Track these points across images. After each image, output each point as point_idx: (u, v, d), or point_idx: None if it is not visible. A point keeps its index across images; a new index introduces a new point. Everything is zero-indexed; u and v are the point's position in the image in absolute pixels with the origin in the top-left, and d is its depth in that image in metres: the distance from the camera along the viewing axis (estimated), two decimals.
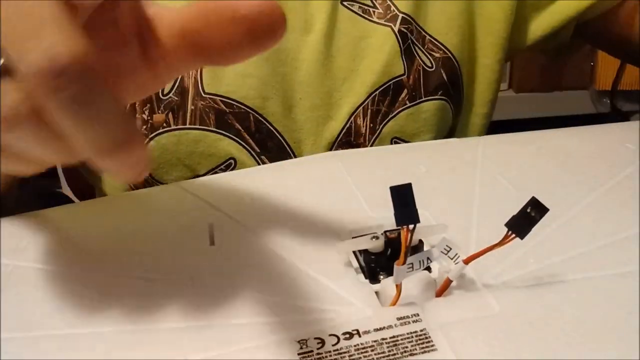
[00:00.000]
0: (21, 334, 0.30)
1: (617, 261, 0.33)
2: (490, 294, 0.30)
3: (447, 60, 0.59)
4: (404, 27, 0.57)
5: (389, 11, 0.57)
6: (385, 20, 0.57)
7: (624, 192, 0.39)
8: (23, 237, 0.37)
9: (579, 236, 0.35)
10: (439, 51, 0.59)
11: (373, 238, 0.33)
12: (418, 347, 0.27)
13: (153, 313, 0.31)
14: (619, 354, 0.27)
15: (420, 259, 0.29)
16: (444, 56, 0.59)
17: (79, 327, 0.30)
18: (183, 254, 0.35)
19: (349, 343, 0.28)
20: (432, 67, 0.58)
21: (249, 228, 0.36)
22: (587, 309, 0.29)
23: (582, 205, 0.37)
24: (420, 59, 0.58)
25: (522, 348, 0.27)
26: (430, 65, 0.58)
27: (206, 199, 0.39)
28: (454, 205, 0.38)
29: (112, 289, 0.32)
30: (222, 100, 0.54)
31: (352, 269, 0.33)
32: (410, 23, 0.57)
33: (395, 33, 0.56)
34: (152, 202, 0.41)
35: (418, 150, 0.46)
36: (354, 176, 0.41)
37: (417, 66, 0.57)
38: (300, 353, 0.27)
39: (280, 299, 0.31)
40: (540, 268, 0.32)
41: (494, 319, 0.29)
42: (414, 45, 0.58)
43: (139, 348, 0.29)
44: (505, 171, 0.41)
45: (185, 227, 0.37)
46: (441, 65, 0.58)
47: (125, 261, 0.34)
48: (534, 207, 0.28)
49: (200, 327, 0.29)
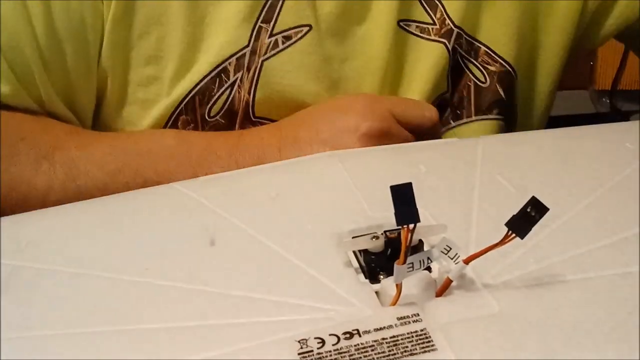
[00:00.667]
0: (21, 334, 0.30)
1: (617, 261, 0.32)
2: (490, 294, 0.30)
3: (504, 75, 0.55)
4: (456, 43, 0.54)
5: (444, 25, 0.54)
6: (440, 35, 0.54)
7: (624, 192, 0.39)
8: (23, 237, 0.37)
9: (579, 236, 0.34)
10: (494, 64, 0.55)
11: (373, 238, 0.33)
12: (418, 347, 0.27)
13: (152, 313, 0.31)
14: (619, 354, 0.27)
15: (420, 259, 0.29)
16: (501, 70, 0.55)
17: (79, 327, 0.30)
18: (183, 254, 0.35)
19: (349, 343, 0.28)
20: (485, 82, 0.55)
21: (248, 228, 0.36)
22: (587, 309, 0.29)
23: (582, 205, 0.37)
24: (472, 74, 0.55)
25: (522, 348, 0.27)
26: (484, 80, 0.55)
27: (206, 199, 0.39)
28: (453, 205, 0.38)
29: (112, 289, 0.32)
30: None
31: (352, 268, 0.33)
32: (462, 37, 0.54)
33: (449, 50, 0.53)
34: (152, 202, 0.41)
35: (418, 150, 0.46)
36: (354, 176, 0.41)
37: (466, 82, 0.55)
38: (300, 353, 0.27)
39: (280, 299, 0.31)
40: (540, 268, 0.32)
41: (494, 319, 0.29)
42: (463, 58, 0.55)
43: (139, 348, 0.29)
44: (505, 171, 0.41)
45: (185, 227, 0.37)
46: (497, 80, 0.55)
47: (125, 261, 0.34)
48: (534, 207, 0.28)
49: (200, 327, 0.29)
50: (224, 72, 0.51)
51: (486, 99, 0.55)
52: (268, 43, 0.51)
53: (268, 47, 0.51)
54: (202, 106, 0.52)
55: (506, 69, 0.55)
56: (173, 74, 0.51)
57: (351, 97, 0.51)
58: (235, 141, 0.49)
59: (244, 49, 0.51)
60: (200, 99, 0.52)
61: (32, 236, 0.37)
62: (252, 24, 0.51)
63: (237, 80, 0.52)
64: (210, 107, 0.52)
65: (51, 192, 0.47)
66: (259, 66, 0.51)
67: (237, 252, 0.35)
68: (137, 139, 0.50)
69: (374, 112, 0.48)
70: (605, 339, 0.28)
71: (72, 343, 0.29)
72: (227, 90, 0.52)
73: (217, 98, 0.52)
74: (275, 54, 0.51)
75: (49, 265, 0.34)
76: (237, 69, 0.51)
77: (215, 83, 0.52)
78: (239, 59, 0.51)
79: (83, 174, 0.48)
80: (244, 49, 0.51)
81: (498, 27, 0.55)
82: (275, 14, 0.51)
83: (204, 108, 0.52)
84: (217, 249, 0.35)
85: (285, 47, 0.51)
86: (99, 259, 0.35)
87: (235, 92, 0.52)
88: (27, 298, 0.32)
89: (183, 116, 0.52)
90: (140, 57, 0.51)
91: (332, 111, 0.49)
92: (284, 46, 0.51)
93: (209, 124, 0.53)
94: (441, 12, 0.54)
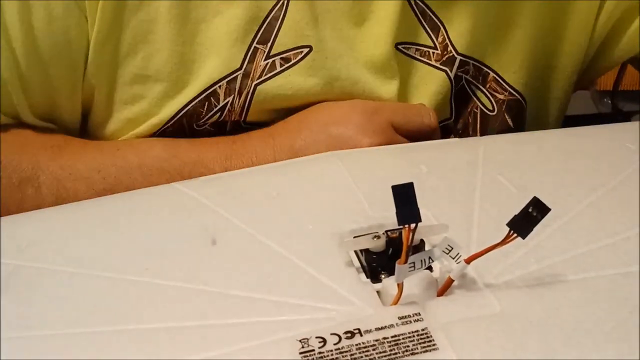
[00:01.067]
0: (21, 334, 0.30)
1: (617, 261, 0.32)
2: (492, 294, 0.30)
3: (513, 103, 0.53)
4: (460, 71, 0.52)
5: (445, 52, 0.52)
6: (441, 62, 0.52)
7: (625, 192, 0.39)
8: (23, 237, 0.37)
9: (579, 236, 0.34)
10: (503, 92, 0.53)
11: (374, 237, 0.33)
12: (419, 346, 0.27)
13: (152, 313, 0.31)
14: (619, 354, 0.27)
15: (421, 259, 0.29)
16: (510, 98, 0.53)
17: (79, 327, 0.30)
18: (183, 254, 0.35)
19: (350, 342, 0.28)
20: (493, 110, 0.53)
21: (249, 228, 0.36)
22: (587, 308, 0.29)
23: (583, 205, 0.37)
24: (479, 101, 0.53)
25: (523, 347, 0.27)
26: (492, 108, 0.53)
27: (206, 199, 0.39)
28: (455, 205, 0.38)
29: (112, 289, 0.32)
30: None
31: (354, 268, 0.33)
32: (468, 64, 0.52)
33: (451, 78, 0.52)
34: (151, 202, 0.41)
35: (419, 150, 0.46)
36: (355, 176, 0.41)
37: (472, 108, 0.53)
38: (301, 352, 0.27)
39: (281, 299, 0.31)
40: (541, 268, 0.32)
41: (495, 319, 0.29)
42: (470, 84, 0.53)
43: (139, 348, 0.29)
44: (506, 171, 0.41)
45: (185, 227, 0.37)
46: (506, 108, 0.53)
47: (125, 261, 0.34)
48: (536, 207, 0.28)
49: (201, 326, 0.29)
50: (214, 95, 0.49)
51: (493, 127, 0.54)
52: (264, 65, 0.49)
53: (263, 70, 0.49)
54: (190, 126, 0.50)
55: (515, 98, 0.54)
56: (161, 95, 0.49)
57: (348, 105, 0.49)
58: (228, 152, 0.47)
59: (236, 72, 0.48)
60: (187, 120, 0.50)
61: (32, 236, 0.37)
62: (247, 44, 0.48)
63: (227, 105, 0.49)
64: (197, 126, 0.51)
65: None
66: (252, 91, 0.49)
67: (237, 252, 0.35)
68: (125, 154, 0.48)
69: (374, 124, 0.47)
70: (605, 339, 0.28)
71: (72, 343, 0.29)
72: (216, 114, 0.50)
73: (205, 120, 0.50)
74: (272, 77, 0.49)
75: (49, 265, 0.34)
76: (227, 93, 0.49)
77: (204, 107, 0.49)
78: (230, 82, 0.48)
79: (72, 194, 0.46)
80: (236, 72, 0.48)
81: (508, 54, 0.53)
82: (273, 35, 0.48)
83: (192, 127, 0.50)
84: (217, 248, 0.35)
85: (284, 69, 0.49)
86: (99, 259, 0.35)
87: (226, 115, 0.50)
88: (27, 298, 0.32)
89: (170, 129, 0.50)
90: (126, 75, 0.49)
91: (329, 123, 0.48)
92: (282, 68, 0.49)
93: (198, 132, 0.51)
94: (443, 36, 0.52)
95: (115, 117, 0.51)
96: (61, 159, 0.48)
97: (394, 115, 0.48)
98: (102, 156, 0.48)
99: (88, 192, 0.46)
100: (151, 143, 0.49)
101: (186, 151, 0.48)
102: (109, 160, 0.48)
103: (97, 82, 0.49)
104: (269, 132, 0.49)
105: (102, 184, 0.47)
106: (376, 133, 0.46)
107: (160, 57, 0.48)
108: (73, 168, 0.47)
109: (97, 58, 0.48)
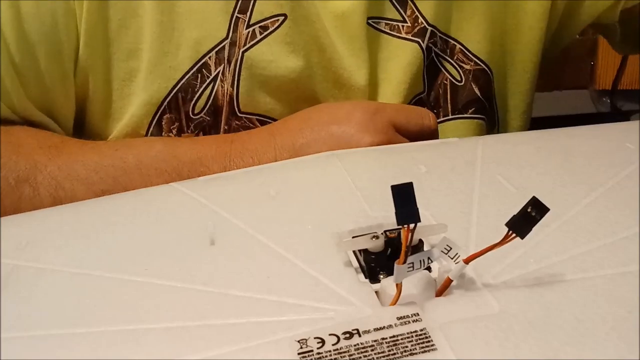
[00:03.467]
0: (21, 334, 0.30)
1: (617, 261, 0.32)
2: (490, 294, 0.30)
3: (479, 73, 0.55)
4: (430, 42, 0.54)
5: (416, 23, 0.54)
6: (412, 34, 0.53)
7: (624, 192, 0.39)
8: (23, 237, 0.37)
9: (579, 236, 0.34)
10: (469, 62, 0.55)
11: (373, 237, 0.33)
12: (418, 346, 0.27)
13: (152, 313, 0.31)
14: (619, 354, 0.27)
15: (420, 259, 0.29)
16: (475, 68, 0.55)
17: (79, 327, 0.30)
18: (183, 254, 0.35)
19: (349, 342, 0.28)
20: (461, 80, 0.55)
21: (248, 228, 0.36)
22: (587, 309, 0.29)
23: (582, 205, 0.37)
24: (448, 72, 0.55)
25: (522, 348, 0.27)
26: (460, 79, 0.55)
27: (206, 199, 0.39)
28: (454, 205, 0.38)
29: (111, 289, 0.32)
30: (258, 119, 0.52)
31: (352, 268, 0.33)
32: (436, 35, 0.54)
33: (423, 50, 0.53)
34: (151, 202, 0.41)
35: (418, 150, 0.46)
36: (354, 176, 0.41)
37: (442, 80, 0.54)
38: (300, 353, 0.27)
39: (280, 299, 0.31)
40: (540, 268, 0.32)
41: (494, 319, 0.29)
42: (439, 57, 0.54)
43: (139, 348, 0.29)
44: (505, 171, 0.41)
45: (185, 227, 0.37)
46: (472, 78, 0.55)
47: (125, 261, 0.34)
48: (535, 207, 0.28)
49: (200, 326, 0.29)
50: (205, 67, 0.51)
51: (462, 97, 0.55)
52: (246, 34, 0.51)
53: (246, 38, 0.51)
54: (185, 103, 0.52)
55: (481, 67, 0.55)
56: (152, 66, 0.51)
57: (349, 105, 0.50)
58: (227, 150, 0.48)
59: (223, 42, 0.51)
60: (183, 97, 0.51)
61: (32, 236, 0.37)
62: (230, 14, 0.51)
63: (219, 74, 0.51)
64: (194, 104, 0.52)
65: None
66: (240, 58, 0.51)
67: (236, 252, 0.35)
68: (124, 154, 0.48)
69: (375, 124, 0.47)
70: (605, 339, 0.28)
71: (72, 343, 0.29)
72: (209, 85, 0.51)
73: (200, 94, 0.51)
74: (254, 44, 0.51)
75: (49, 265, 0.34)
76: (217, 62, 0.51)
77: (197, 79, 0.51)
78: (219, 52, 0.51)
79: (70, 194, 0.46)
80: (223, 42, 0.51)
81: (471, 25, 0.55)
82: (251, 5, 0.51)
83: (188, 105, 0.52)
84: (217, 248, 0.35)
85: (263, 37, 0.51)
86: (99, 259, 0.35)
87: (218, 86, 0.51)
88: (26, 297, 0.32)
89: (167, 115, 0.52)
90: (120, 52, 0.51)
91: (331, 122, 0.48)
92: (261, 37, 0.51)
93: (194, 121, 0.52)
94: (412, 9, 0.54)
95: (115, 96, 0.52)
96: (59, 159, 0.48)
97: (396, 115, 0.49)
98: (100, 157, 0.48)
99: (86, 193, 0.46)
100: (150, 143, 0.50)
101: (185, 151, 0.48)
102: (107, 161, 0.48)
103: (92, 63, 0.50)
104: (269, 130, 0.50)
105: (100, 184, 0.47)
106: (377, 132, 0.47)
107: (148, 28, 0.50)
108: (71, 169, 0.47)
109: (89, 38, 0.49)
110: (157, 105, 0.51)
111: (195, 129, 0.52)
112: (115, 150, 0.49)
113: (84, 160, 0.48)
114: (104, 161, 0.48)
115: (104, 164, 0.48)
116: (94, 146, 0.50)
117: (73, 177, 0.47)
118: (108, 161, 0.48)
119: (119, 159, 0.48)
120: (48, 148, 0.49)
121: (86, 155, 0.49)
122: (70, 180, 0.47)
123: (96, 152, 0.49)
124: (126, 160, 0.48)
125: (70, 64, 0.50)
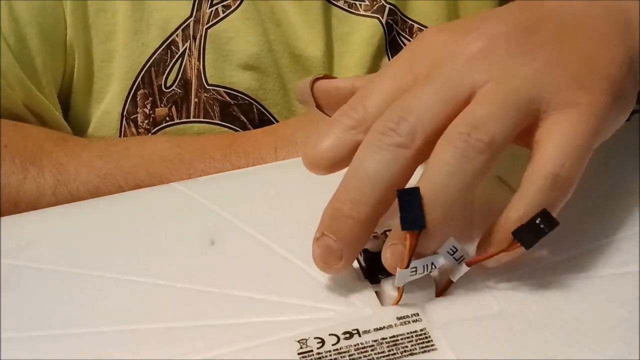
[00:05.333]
0: (21, 334, 0.30)
1: (617, 261, 0.32)
2: (490, 294, 0.30)
3: None
4: (390, 19, 0.56)
5: (375, 2, 0.56)
6: (372, 12, 0.56)
7: (624, 192, 0.39)
8: (23, 237, 0.37)
9: (579, 236, 0.34)
10: None
11: (373, 237, 0.33)
12: (418, 346, 0.27)
13: (152, 313, 0.31)
14: (619, 354, 0.27)
15: (424, 264, 0.29)
16: None
17: (79, 327, 0.30)
18: (183, 254, 0.35)
19: (349, 343, 0.28)
20: None
21: (248, 228, 0.36)
22: (587, 309, 0.29)
23: (582, 205, 0.37)
24: None
25: (522, 348, 0.27)
26: None
27: (206, 198, 0.39)
28: None
29: (111, 289, 0.32)
30: (226, 91, 0.54)
31: (352, 268, 0.33)
32: (396, 13, 0.56)
33: (383, 25, 0.55)
34: (151, 202, 0.41)
35: None
36: None
37: None
38: (300, 353, 0.27)
39: (280, 299, 0.31)
40: (541, 268, 0.32)
41: (493, 319, 0.29)
42: (399, 35, 0.57)
43: (139, 348, 0.29)
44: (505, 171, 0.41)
45: (185, 227, 0.37)
46: None
47: (125, 261, 0.34)
48: (544, 219, 0.28)
49: (200, 326, 0.29)
50: (173, 44, 0.54)
51: None
52: (209, 13, 0.54)
53: (210, 16, 0.54)
54: (157, 77, 0.55)
55: None
56: (126, 44, 0.54)
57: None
58: (229, 142, 0.49)
59: (188, 20, 0.54)
60: (155, 70, 0.54)
61: (32, 236, 0.37)
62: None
63: (186, 50, 0.55)
64: (165, 77, 0.55)
65: (42, 197, 0.47)
66: (204, 34, 0.55)
67: (237, 252, 0.35)
68: (128, 145, 0.51)
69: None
70: (605, 339, 0.28)
71: (72, 343, 0.29)
72: (179, 60, 0.54)
73: (170, 68, 0.55)
74: (217, 22, 0.54)
75: (49, 265, 0.34)
76: (184, 39, 0.54)
77: (168, 54, 0.55)
78: (185, 29, 0.54)
79: (73, 177, 0.48)
80: (187, 20, 0.54)
81: (427, 4, 0.57)
82: None
83: (160, 79, 0.55)
84: (217, 248, 0.35)
85: (225, 15, 0.54)
86: (99, 259, 0.35)
87: (186, 61, 0.55)
88: (26, 297, 0.32)
89: (141, 90, 0.54)
90: (100, 34, 0.54)
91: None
92: (224, 15, 0.54)
93: (166, 95, 0.54)
94: None
95: (96, 76, 0.55)
96: (66, 147, 0.50)
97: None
98: (106, 144, 0.51)
99: (89, 175, 0.48)
100: (155, 138, 0.53)
101: (188, 141, 0.51)
102: (112, 148, 0.50)
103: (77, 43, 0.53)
104: (271, 127, 0.52)
105: (103, 168, 0.48)
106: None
107: (122, 11, 0.54)
108: (77, 155, 0.49)
109: (73, 19, 0.53)
110: (132, 81, 0.54)
111: (168, 102, 0.55)
112: (122, 142, 0.52)
113: (89, 149, 0.50)
114: (106, 148, 0.50)
115: (107, 150, 0.50)
116: (100, 138, 0.54)
117: (77, 161, 0.49)
118: (111, 148, 0.50)
119: (123, 147, 0.50)
120: (56, 139, 0.51)
121: (92, 143, 0.51)
122: (74, 165, 0.48)
123: (102, 141, 0.52)
124: (129, 147, 0.50)
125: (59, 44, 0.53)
